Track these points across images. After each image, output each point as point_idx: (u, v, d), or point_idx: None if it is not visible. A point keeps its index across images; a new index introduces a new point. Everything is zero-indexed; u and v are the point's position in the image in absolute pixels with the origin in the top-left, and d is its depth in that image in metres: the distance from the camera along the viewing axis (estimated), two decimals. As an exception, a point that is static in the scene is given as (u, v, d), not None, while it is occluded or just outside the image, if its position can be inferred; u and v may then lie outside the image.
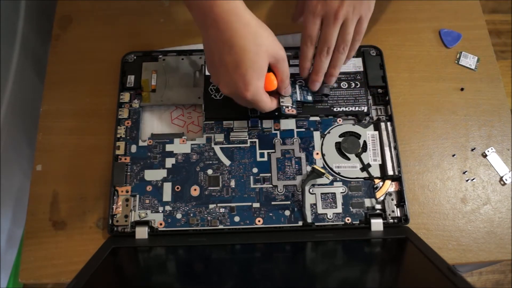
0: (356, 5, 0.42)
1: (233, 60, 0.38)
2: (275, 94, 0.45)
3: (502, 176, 0.49)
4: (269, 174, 0.47)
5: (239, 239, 0.45)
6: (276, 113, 0.49)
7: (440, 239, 0.47)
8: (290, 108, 0.46)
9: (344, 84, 0.51)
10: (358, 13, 0.43)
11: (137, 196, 0.46)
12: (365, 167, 0.47)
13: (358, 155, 0.48)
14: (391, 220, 0.46)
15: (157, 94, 0.50)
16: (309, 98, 0.49)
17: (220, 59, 0.39)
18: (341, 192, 0.47)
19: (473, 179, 0.49)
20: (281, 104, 0.46)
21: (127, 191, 0.46)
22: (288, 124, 0.49)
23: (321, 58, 0.45)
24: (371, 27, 0.56)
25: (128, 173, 0.47)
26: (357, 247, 0.45)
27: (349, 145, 0.48)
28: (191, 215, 0.46)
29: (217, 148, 0.48)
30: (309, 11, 0.43)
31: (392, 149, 0.48)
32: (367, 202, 0.46)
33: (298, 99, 0.47)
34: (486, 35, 0.56)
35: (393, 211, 0.46)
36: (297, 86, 0.49)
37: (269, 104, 0.43)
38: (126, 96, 0.50)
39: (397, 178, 0.47)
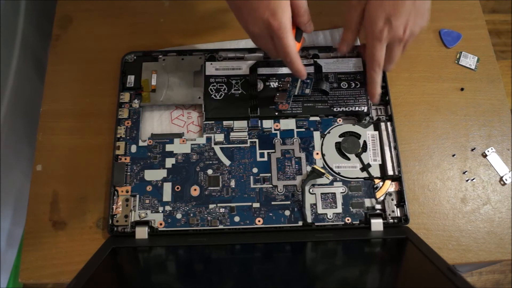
0: (417, 22, 0.43)
1: None
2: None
3: (502, 176, 0.49)
4: (269, 174, 0.47)
5: (239, 239, 0.45)
6: (276, 113, 0.49)
7: (440, 239, 0.47)
8: (284, 103, 0.49)
9: (344, 84, 0.51)
10: (417, 30, 0.44)
11: (137, 196, 0.46)
12: (365, 167, 0.47)
13: (358, 155, 0.48)
14: (391, 220, 0.46)
15: (157, 94, 0.50)
16: (307, 91, 0.50)
17: None
18: (341, 192, 0.47)
19: (473, 179, 0.49)
20: (275, 100, 0.50)
21: (127, 191, 0.46)
22: (288, 124, 0.49)
23: (381, 71, 0.46)
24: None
25: (128, 173, 0.47)
26: (357, 247, 0.45)
27: (349, 145, 0.48)
28: (191, 215, 0.46)
29: (217, 148, 0.48)
30: (375, 38, 0.44)
31: (392, 149, 0.48)
32: (367, 202, 0.46)
33: (296, 93, 0.50)
34: (486, 35, 0.56)
35: (393, 211, 0.46)
36: (299, 80, 0.50)
37: (293, 46, 0.42)
38: (126, 96, 0.50)
39: (397, 178, 0.47)
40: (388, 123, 0.49)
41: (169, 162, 0.48)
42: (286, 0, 0.41)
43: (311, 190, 0.47)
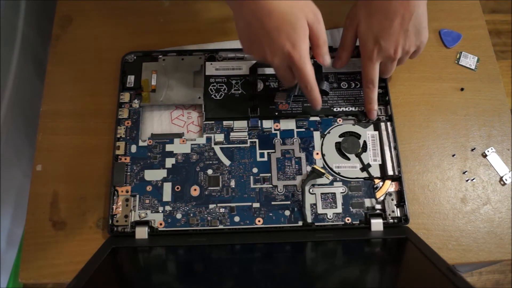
0: (410, 42, 0.44)
1: (275, 25, 0.39)
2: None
3: (502, 176, 0.49)
4: (269, 174, 0.47)
5: (239, 239, 0.45)
6: (276, 113, 0.49)
7: (440, 239, 0.47)
8: (284, 103, 0.49)
9: (344, 84, 0.51)
10: (412, 48, 0.45)
11: (137, 196, 0.46)
12: (365, 167, 0.47)
13: (358, 155, 0.48)
14: (391, 220, 0.46)
15: (157, 94, 0.50)
16: None
17: (262, 27, 0.40)
18: (341, 192, 0.47)
19: (473, 179, 0.49)
20: (275, 100, 0.50)
21: (127, 191, 0.46)
22: (288, 124, 0.49)
23: (376, 88, 0.48)
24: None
25: (128, 173, 0.47)
26: (357, 247, 0.45)
27: (349, 145, 0.48)
28: (191, 215, 0.46)
29: (217, 148, 0.48)
30: (367, 58, 0.46)
31: (392, 149, 0.48)
32: (367, 202, 0.46)
33: (296, 93, 0.49)
34: (486, 35, 0.56)
35: (393, 211, 0.46)
36: None
37: (312, 75, 0.42)
38: (126, 96, 0.50)
39: (397, 178, 0.47)
40: (388, 123, 0.49)
41: (169, 162, 0.48)
42: (305, 30, 0.40)
43: (311, 190, 0.47)
